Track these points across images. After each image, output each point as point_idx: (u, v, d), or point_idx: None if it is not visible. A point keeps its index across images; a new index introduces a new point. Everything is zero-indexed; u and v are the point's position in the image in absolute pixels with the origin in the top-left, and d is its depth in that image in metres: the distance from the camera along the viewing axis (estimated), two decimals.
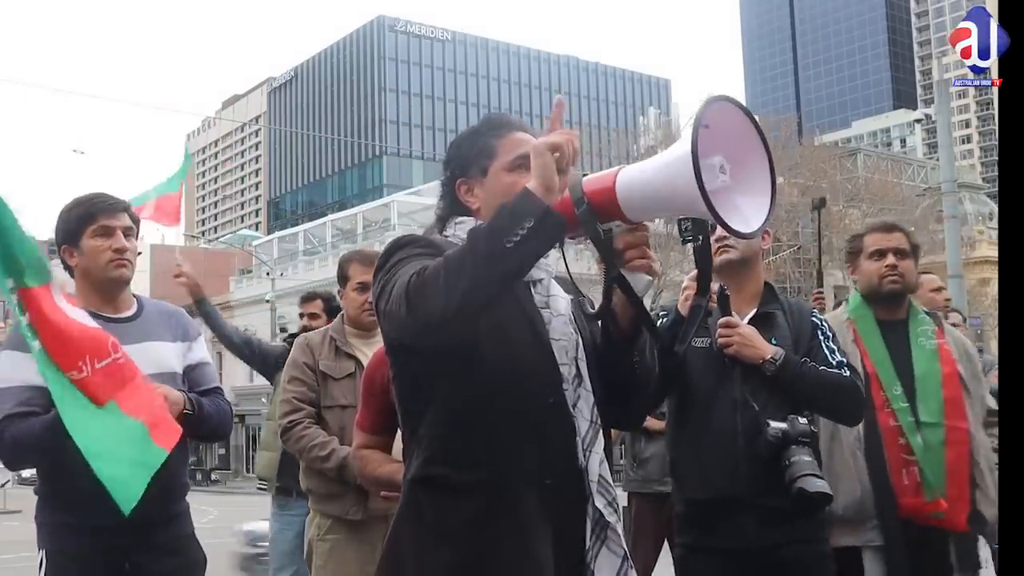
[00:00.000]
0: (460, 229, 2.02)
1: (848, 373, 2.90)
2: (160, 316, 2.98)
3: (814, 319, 3.02)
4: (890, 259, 3.38)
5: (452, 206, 2.09)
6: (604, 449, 1.95)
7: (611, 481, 1.94)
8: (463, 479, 1.85)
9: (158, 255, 43.27)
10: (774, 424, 2.74)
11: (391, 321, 1.80)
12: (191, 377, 2.95)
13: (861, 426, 3.14)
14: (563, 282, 2.10)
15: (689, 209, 1.78)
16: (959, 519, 3.22)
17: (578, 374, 1.95)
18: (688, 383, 2.89)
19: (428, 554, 1.85)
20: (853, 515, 3.13)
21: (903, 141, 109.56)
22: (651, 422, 4.70)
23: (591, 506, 1.89)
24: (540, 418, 1.89)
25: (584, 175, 1.87)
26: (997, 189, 4.32)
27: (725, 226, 1.71)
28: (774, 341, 2.89)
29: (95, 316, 2.74)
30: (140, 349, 2.78)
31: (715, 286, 2.87)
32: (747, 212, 1.77)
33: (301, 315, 5.34)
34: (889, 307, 3.40)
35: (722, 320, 2.88)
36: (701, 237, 1.88)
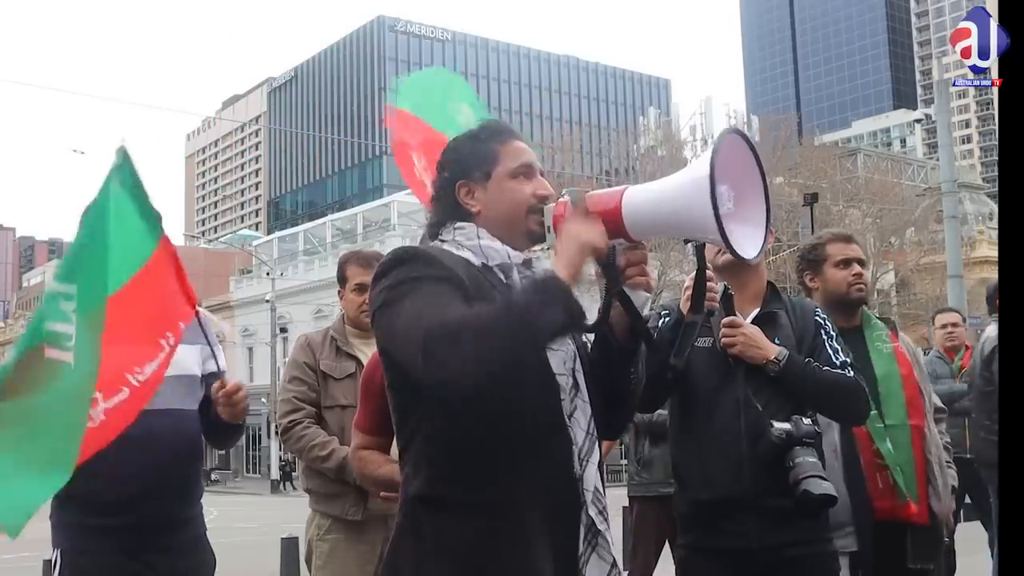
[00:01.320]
0: (460, 235, 2.00)
1: (852, 373, 2.89)
2: None
3: (817, 318, 3.01)
4: (856, 268, 3.56)
5: (450, 209, 2.06)
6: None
7: (603, 491, 1.96)
8: (467, 499, 1.84)
9: None
10: (778, 425, 2.73)
11: (399, 354, 1.81)
12: (208, 383, 2.98)
13: (836, 434, 3.22)
14: None
15: (697, 233, 1.84)
16: (924, 513, 3.37)
17: (575, 384, 1.95)
18: (691, 383, 2.87)
19: (428, 566, 1.84)
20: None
21: (903, 141, 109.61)
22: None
23: (584, 514, 1.90)
24: (542, 438, 1.88)
25: (586, 192, 1.89)
26: (997, 189, 4.32)
27: (733, 252, 1.77)
28: (777, 341, 2.87)
29: None
30: None
31: (719, 286, 2.87)
32: (742, 239, 1.83)
33: None
34: (848, 314, 3.53)
35: (726, 320, 2.87)
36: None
